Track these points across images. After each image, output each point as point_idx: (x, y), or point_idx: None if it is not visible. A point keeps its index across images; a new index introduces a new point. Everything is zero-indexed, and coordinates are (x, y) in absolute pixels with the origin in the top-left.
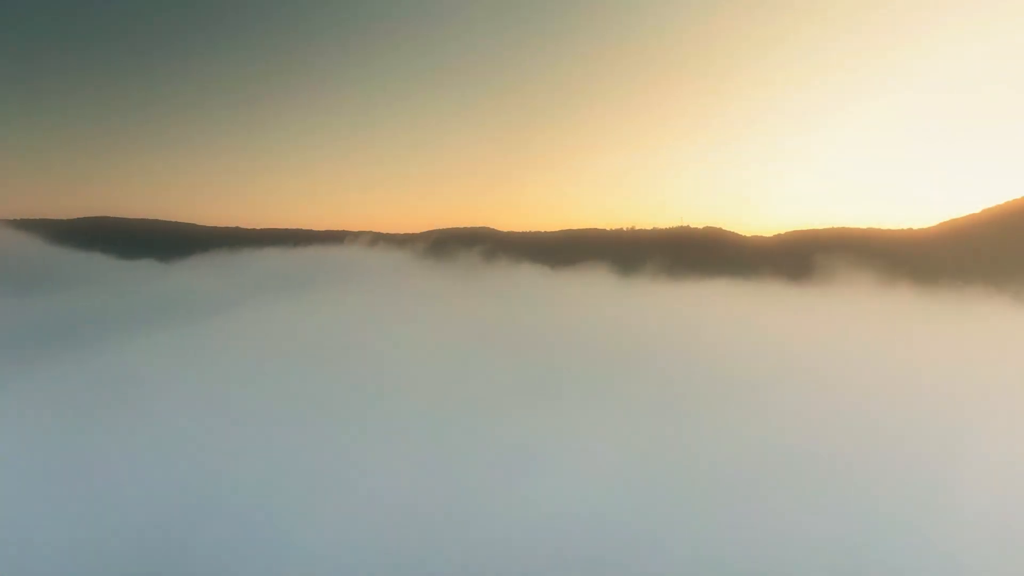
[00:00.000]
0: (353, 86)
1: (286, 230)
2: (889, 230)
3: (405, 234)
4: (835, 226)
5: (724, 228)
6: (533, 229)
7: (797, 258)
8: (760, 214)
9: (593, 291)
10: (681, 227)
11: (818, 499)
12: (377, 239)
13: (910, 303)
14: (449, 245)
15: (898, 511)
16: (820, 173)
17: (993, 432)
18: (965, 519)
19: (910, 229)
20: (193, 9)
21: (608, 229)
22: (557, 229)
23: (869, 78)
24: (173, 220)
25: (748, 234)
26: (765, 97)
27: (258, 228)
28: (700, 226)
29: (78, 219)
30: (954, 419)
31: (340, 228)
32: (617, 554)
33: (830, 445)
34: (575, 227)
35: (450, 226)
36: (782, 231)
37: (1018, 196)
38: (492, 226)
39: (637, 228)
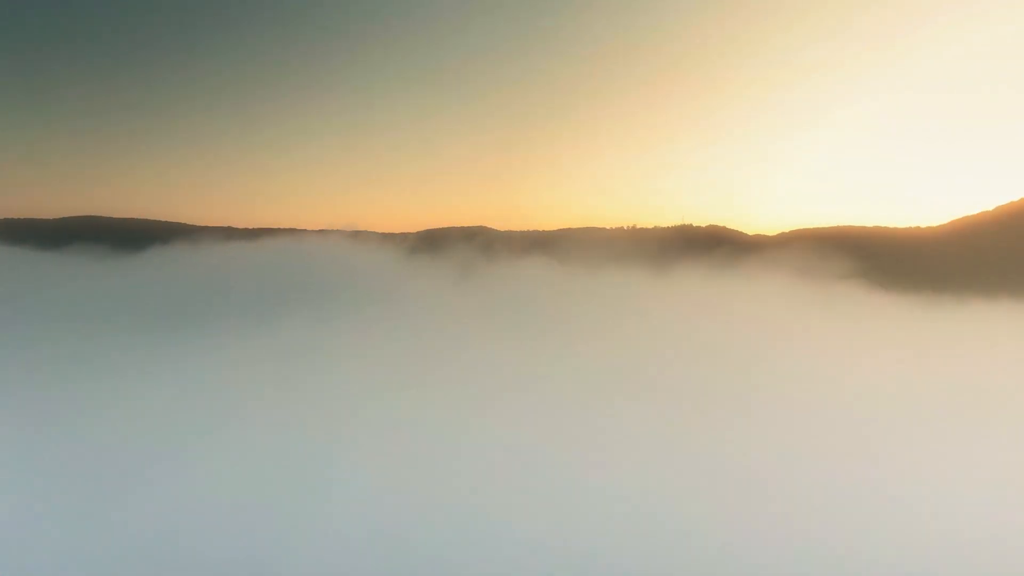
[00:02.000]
0: (348, 84)
1: (277, 229)
2: (895, 228)
3: (401, 233)
4: (839, 225)
5: (727, 227)
6: (531, 228)
7: (801, 257)
8: (763, 213)
9: (593, 291)
10: (683, 226)
11: (814, 500)
12: (370, 237)
13: (915, 302)
14: (444, 244)
15: (896, 512)
16: (823, 172)
17: (998, 432)
18: (966, 521)
19: (918, 228)
20: (183, 8)
21: (609, 228)
22: (556, 228)
23: (871, 77)
24: (159, 219)
25: (751, 232)
26: (767, 96)
27: (251, 227)
28: (703, 224)
29: (58, 219)
30: (961, 420)
31: (334, 227)
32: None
33: (832, 446)
34: (574, 226)
35: (447, 225)
36: (786, 230)
37: (1019, 196)
38: (489, 225)
39: (639, 227)
